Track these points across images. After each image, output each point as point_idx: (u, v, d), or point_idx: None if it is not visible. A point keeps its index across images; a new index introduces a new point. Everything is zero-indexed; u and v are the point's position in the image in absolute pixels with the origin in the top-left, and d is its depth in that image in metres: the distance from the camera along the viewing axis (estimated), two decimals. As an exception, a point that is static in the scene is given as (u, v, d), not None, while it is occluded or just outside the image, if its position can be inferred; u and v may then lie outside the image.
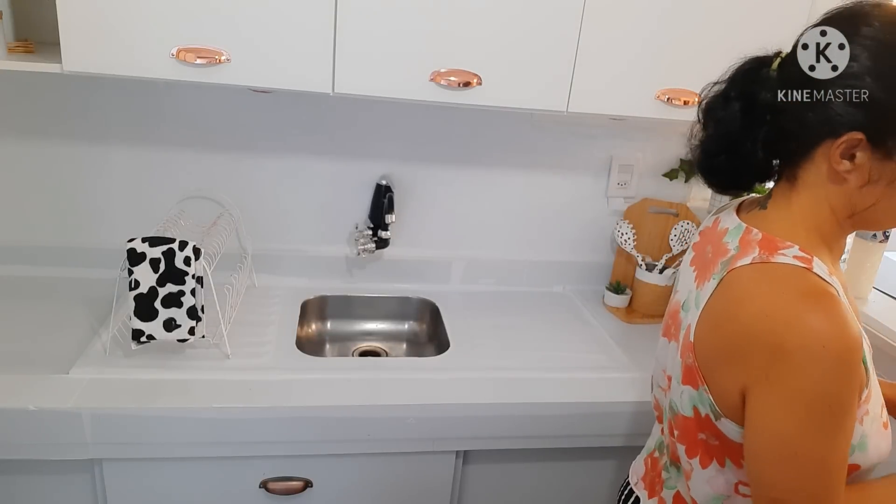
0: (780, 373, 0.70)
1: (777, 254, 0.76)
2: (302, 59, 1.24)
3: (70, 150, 1.57)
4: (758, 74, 0.81)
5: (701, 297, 0.81)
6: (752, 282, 0.75)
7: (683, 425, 0.84)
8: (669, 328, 0.92)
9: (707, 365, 0.79)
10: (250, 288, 1.66)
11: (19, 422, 1.15)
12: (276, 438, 1.25)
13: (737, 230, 0.83)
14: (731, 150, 0.82)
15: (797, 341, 0.69)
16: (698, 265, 0.87)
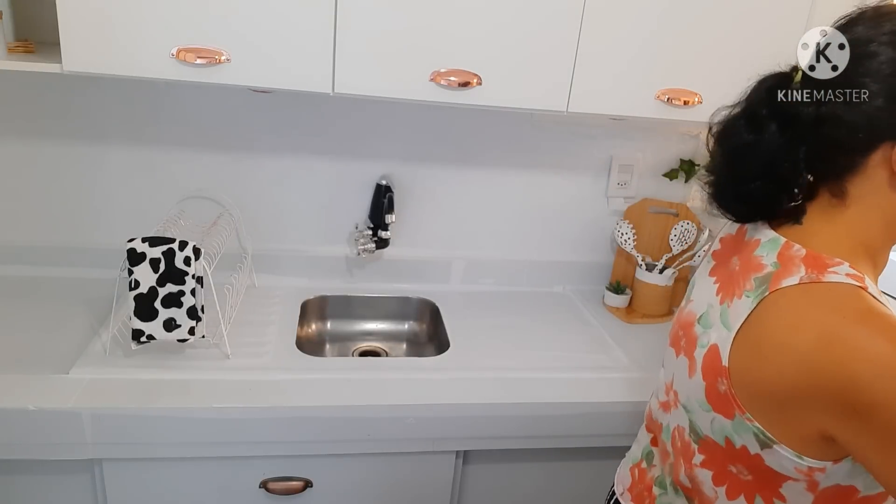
0: (864, 408, 0.62)
1: (828, 272, 0.69)
2: (302, 58, 1.24)
3: (70, 150, 1.57)
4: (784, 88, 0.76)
5: (731, 317, 0.75)
6: (803, 305, 0.68)
7: (713, 452, 0.77)
8: (679, 340, 0.85)
9: (752, 396, 0.71)
10: (250, 288, 1.66)
11: (19, 422, 1.15)
12: (276, 438, 1.25)
13: (772, 243, 0.76)
14: (767, 173, 0.75)
15: (870, 370, 0.62)
16: (721, 277, 0.81)
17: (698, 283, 0.88)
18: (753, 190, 0.76)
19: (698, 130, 1.83)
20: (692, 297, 0.87)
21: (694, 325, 0.82)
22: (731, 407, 0.73)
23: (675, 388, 0.85)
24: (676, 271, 1.75)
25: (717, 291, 0.80)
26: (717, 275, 0.83)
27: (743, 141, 0.76)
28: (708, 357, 0.76)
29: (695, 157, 1.85)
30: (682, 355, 0.83)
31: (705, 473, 0.79)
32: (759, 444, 0.71)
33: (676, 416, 0.85)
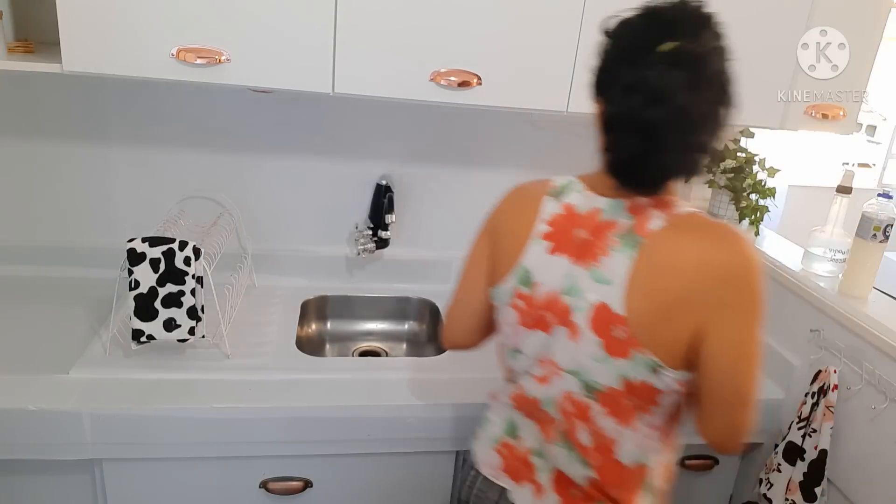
0: (735, 296, 0.81)
1: (675, 207, 0.85)
2: (302, 59, 1.24)
3: (70, 150, 1.57)
4: (672, 75, 0.80)
5: (607, 273, 0.84)
6: (673, 238, 0.83)
7: (612, 398, 0.87)
8: (542, 319, 0.91)
9: (645, 328, 0.82)
10: (250, 288, 1.66)
11: (19, 422, 1.15)
12: (276, 438, 1.25)
13: (616, 206, 0.88)
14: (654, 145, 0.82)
15: (738, 267, 0.80)
16: (570, 250, 0.89)
17: (536, 267, 0.91)
18: (645, 161, 0.84)
19: (698, 130, 1.83)
20: (537, 280, 0.91)
21: (559, 299, 0.89)
22: (628, 347, 0.83)
23: (554, 360, 0.91)
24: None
25: (572, 262, 0.88)
26: (563, 250, 0.90)
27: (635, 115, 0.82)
28: (596, 316, 0.85)
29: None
30: (556, 327, 0.89)
31: (607, 420, 0.89)
32: (650, 372, 0.84)
33: (560, 384, 0.91)
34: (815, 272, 1.47)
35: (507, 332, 0.98)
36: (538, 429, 0.97)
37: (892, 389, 1.19)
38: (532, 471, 0.98)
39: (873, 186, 2.74)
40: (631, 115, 0.80)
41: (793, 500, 1.31)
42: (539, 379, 0.94)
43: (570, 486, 0.95)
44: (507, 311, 0.96)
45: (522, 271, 0.93)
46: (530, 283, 0.92)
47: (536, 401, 0.95)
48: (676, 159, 0.83)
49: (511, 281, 0.94)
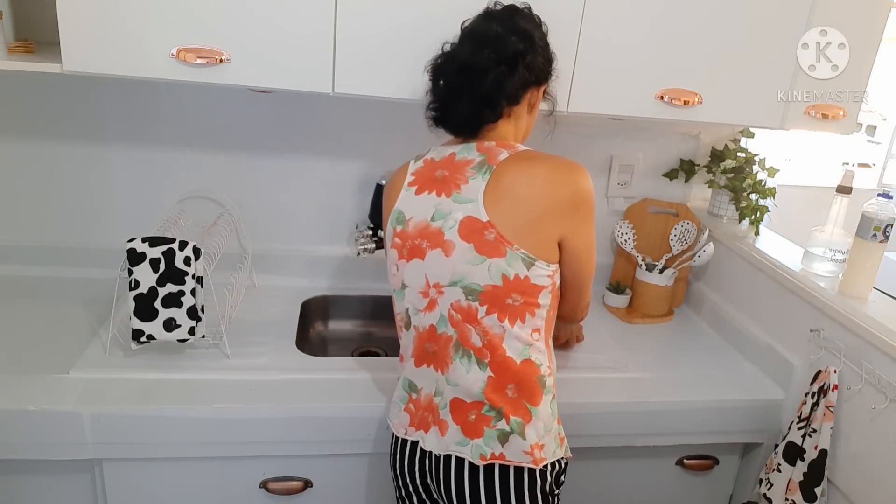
0: (583, 209, 1.05)
1: (516, 147, 1.07)
2: (302, 59, 1.24)
3: (70, 150, 1.57)
4: (504, 39, 1.05)
5: (466, 194, 1.02)
6: (522, 163, 1.04)
7: (492, 296, 1.01)
8: (417, 248, 1.06)
9: (514, 229, 1.00)
10: (250, 288, 1.66)
11: (19, 422, 1.15)
12: (276, 438, 1.25)
13: (467, 148, 1.08)
14: (499, 96, 1.06)
15: (581, 181, 1.04)
16: (433, 187, 1.07)
17: (406, 207, 1.09)
18: (499, 104, 1.07)
19: (698, 130, 1.83)
20: (409, 216, 1.08)
21: (428, 225, 1.05)
22: (502, 246, 1.00)
23: (436, 280, 1.04)
24: (676, 271, 1.75)
25: (437, 195, 1.06)
26: (425, 189, 1.08)
27: (498, 74, 1.05)
28: (463, 227, 1.01)
29: (695, 157, 1.85)
30: (431, 251, 1.04)
31: (491, 318, 1.02)
32: (525, 267, 1.01)
33: (446, 299, 1.04)
34: (815, 272, 1.47)
35: (393, 272, 1.11)
36: (433, 367, 1.07)
37: (892, 389, 1.19)
38: (435, 411, 1.07)
39: (873, 186, 2.74)
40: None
41: (793, 500, 1.31)
42: (427, 307, 1.06)
43: (467, 411, 1.04)
44: (389, 253, 1.11)
45: (396, 213, 1.10)
46: (404, 221, 1.08)
47: (433, 327, 1.06)
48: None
49: (388, 225, 1.11)
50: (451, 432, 1.04)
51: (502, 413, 1.02)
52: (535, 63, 1.07)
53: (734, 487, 1.58)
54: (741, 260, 1.67)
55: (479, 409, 1.03)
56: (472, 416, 1.03)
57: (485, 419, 1.02)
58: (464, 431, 1.03)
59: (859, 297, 1.35)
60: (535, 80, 1.10)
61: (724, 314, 1.69)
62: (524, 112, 1.13)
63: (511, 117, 1.11)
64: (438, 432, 1.06)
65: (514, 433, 1.02)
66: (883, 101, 2.86)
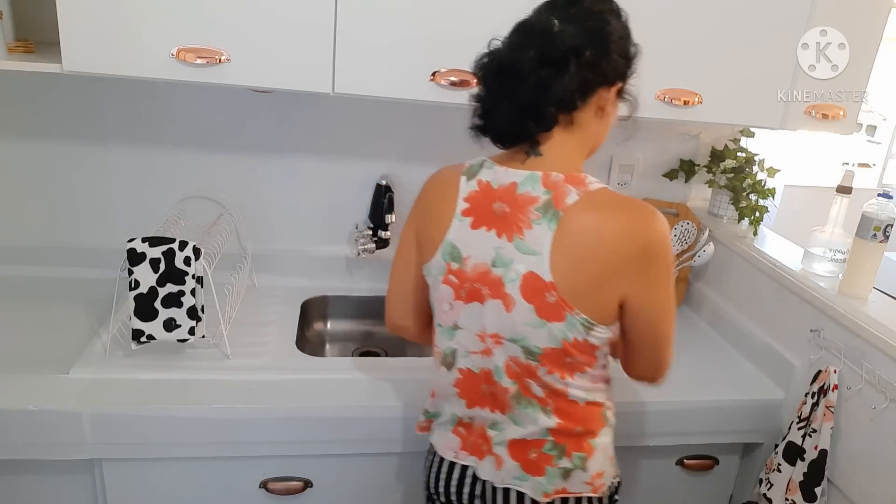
0: (653, 264, 0.92)
1: (587, 184, 0.92)
2: (302, 58, 1.24)
3: (70, 150, 1.57)
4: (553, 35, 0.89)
5: (531, 244, 0.91)
6: (591, 212, 0.91)
7: (551, 357, 0.94)
8: (476, 292, 0.96)
9: (576, 293, 0.91)
10: (250, 288, 1.66)
11: (19, 422, 1.15)
12: (276, 438, 1.25)
13: (531, 179, 0.93)
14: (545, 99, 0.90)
15: (655, 237, 0.91)
16: (493, 223, 0.95)
17: (462, 242, 0.97)
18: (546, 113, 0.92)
19: (698, 130, 1.83)
20: (466, 254, 0.97)
21: (489, 271, 0.95)
22: (562, 310, 0.91)
23: (494, 331, 0.97)
24: (677, 271, 1.75)
25: (497, 235, 0.95)
26: (485, 224, 0.96)
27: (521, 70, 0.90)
28: (525, 284, 0.92)
29: (695, 157, 1.85)
30: (491, 300, 0.95)
31: (552, 376, 0.96)
32: (584, 331, 0.93)
33: (504, 351, 0.97)
34: (815, 272, 1.47)
35: (445, 310, 1.02)
36: (488, 408, 1.02)
37: (892, 389, 1.19)
38: (489, 443, 1.02)
39: (873, 186, 2.74)
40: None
41: (793, 500, 1.31)
42: (482, 352, 0.99)
43: (527, 449, 0.99)
44: (441, 289, 1.01)
45: (449, 247, 0.99)
46: (460, 258, 0.98)
47: (488, 372, 1.00)
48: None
49: (439, 257, 1.00)
50: (509, 468, 1.00)
51: (565, 451, 0.99)
52: (600, 59, 0.90)
53: (734, 487, 1.58)
54: (741, 260, 1.67)
55: (540, 448, 0.99)
56: (534, 455, 0.99)
57: (546, 458, 0.99)
58: (523, 468, 1.00)
59: (859, 297, 1.35)
60: (604, 79, 0.92)
61: (724, 314, 1.69)
62: (591, 117, 0.95)
63: (573, 125, 0.94)
64: (494, 464, 1.02)
65: (576, 468, 0.99)
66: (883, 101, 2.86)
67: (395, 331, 1.17)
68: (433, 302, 1.05)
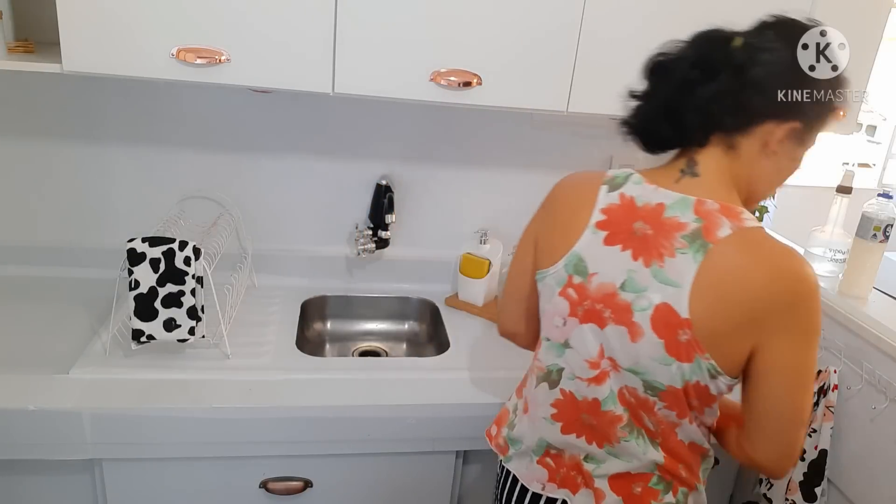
0: (797, 320, 0.83)
1: (743, 220, 0.84)
2: (302, 58, 1.24)
3: (70, 150, 1.57)
4: (725, 46, 0.87)
5: (671, 274, 0.84)
6: (743, 250, 0.82)
7: (673, 395, 0.88)
8: (598, 314, 0.89)
9: (711, 335, 0.83)
10: (250, 288, 1.66)
11: (19, 422, 1.15)
12: (276, 438, 1.25)
13: (683, 203, 0.86)
14: (698, 108, 0.87)
15: (806, 290, 0.82)
16: (630, 244, 0.88)
17: (591, 256, 0.91)
18: (679, 119, 0.88)
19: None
20: (593, 270, 0.90)
21: (617, 294, 0.88)
22: (693, 352, 0.83)
23: (611, 356, 0.90)
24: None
25: (633, 257, 0.87)
26: (621, 242, 0.88)
27: (687, 75, 0.87)
28: (657, 315, 0.84)
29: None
30: (613, 325, 0.88)
31: (669, 412, 0.90)
32: (709, 377, 0.85)
33: (620, 380, 0.91)
34: (815, 272, 1.47)
35: (556, 324, 0.95)
36: (585, 438, 0.96)
37: (892, 389, 1.19)
38: (587, 476, 0.97)
39: (873, 186, 2.74)
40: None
41: (793, 500, 1.31)
42: (590, 380, 0.93)
43: (632, 483, 0.95)
44: (556, 301, 0.94)
45: (575, 258, 0.92)
46: (585, 273, 0.90)
47: (593, 402, 0.93)
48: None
49: (561, 267, 0.93)
50: (610, 502, 0.95)
51: (671, 487, 0.95)
52: (765, 85, 0.84)
53: (734, 487, 1.58)
54: (741, 260, 1.66)
55: (645, 482, 0.95)
56: (638, 489, 0.95)
57: (652, 493, 0.95)
58: (626, 502, 0.95)
59: (859, 297, 1.35)
60: (770, 109, 0.85)
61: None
62: (755, 151, 0.87)
63: (733, 151, 0.88)
64: (593, 498, 0.96)
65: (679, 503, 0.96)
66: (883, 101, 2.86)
67: (506, 336, 1.14)
68: (543, 313, 0.98)
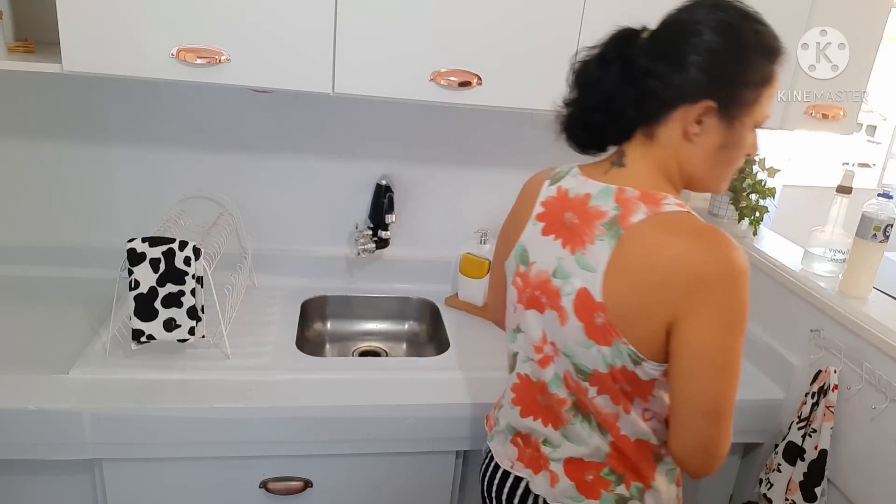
0: (707, 300, 0.81)
1: (662, 205, 0.85)
2: (302, 58, 1.24)
3: (70, 150, 1.57)
4: (632, 41, 0.88)
5: (590, 260, 0.87)
6: (654, 233, 0.84)
7: (600, 380, 0.90)
8: (537, 300, 0.95)
9: (624, 318, 0.85)
10: (250, 288, 1.66)
11: (19, 422, 1.15)
12: (276, 438, 1.25)
13: (605, 192, 0.90)
14: (605, 107, 0.89)
15: (715, 271, 0.80)
16: (561, 233, 0.92)
17: (532, 246, 0.97)
18: (594, 121, 0.91)
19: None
20: (533, 259, 0.96)
21: (550, 280, 0.92)
22: (609, 335, 0.86)
23: (551, 340, 0.94)
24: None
25: (562, 245, 0.92)
26: (553, 232, 0.94)
27: (593, 77, 0.91)
28: (578, 300, 0.88)
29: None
30: (549, 310, 0.93)
31: (603, 398, 0.91)
32: (632, 362, 0.86)
33: (560, 363, 0.94)
34: (815, 272, 1.47)
35: (510, 311, 1.02)
36: (541, 420, 0.99)
37: (892, 389, 1.19)
38: (545, 460, 1.00)
39: (873, 186, 2.73)
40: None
41: (793, 500, 1.30)
42: (539, 362, 0.97)
43: (584, 470, 0.96)
44: (510, 290, 1.01)
45: (521, 249, 0.98)
46: (527, 262, 0.97)
47: (544, 384, 0.97)
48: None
49: (512, 257, 1.00)
50: (564, 487, 0.97)
51: (623, 479, 0.95)
52: (671, 72, 0.84)
53: (734, 487, 1.58)
54: (741, 260, 1.66)
55: (597, 471, 0.96)
56: (590, 477, 0.96)
57: (603, 482, 0.95)
58: (578, 488, 0.96)
59: (859, 297, 1.35)
60: (678, 94, 0.85)
61: (724, 314, 1.69)
62: (677, 137, 0.87)
63: (652, 140, 0.89)
64: (549, 480, 0.98)
65: (633, 499, 0.95)
66: (883, 101, 2.86)
67: (496, 323, 1.17)
68: (507, 301, 1.04)
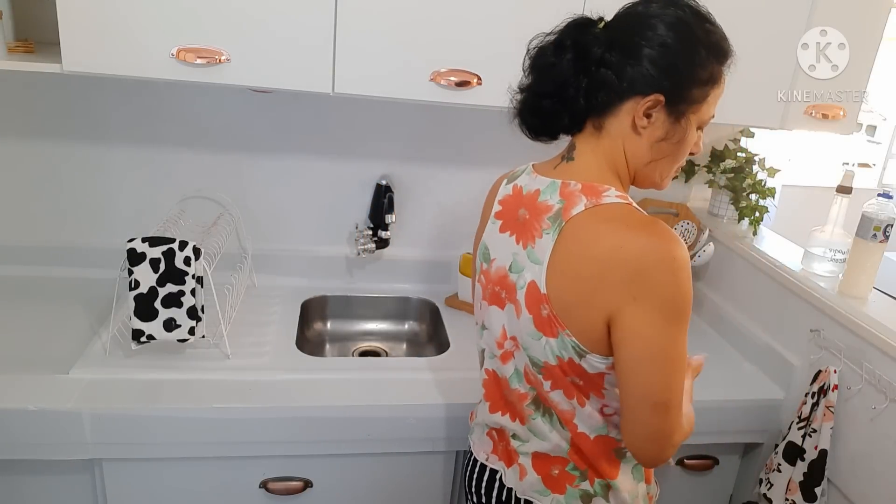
0: (645, 290, 0.80)
1: (602, 196, 0.86)
2: (302, 58, 1.24)
3: (70, 150, 1.57)
4: (588, 30, 0.88)
5: (538, 253, 0.88)
6: (592, 224, 0.85)
7: (552, 373, 0.91)
8: (497, 295, 0.96)
9: (566, 309, 0.85)
10: (250, 288, 1.66)
11: (19, 422, 1.15)
12: (276, 438, 1.25)
13: (552, 187, 0.91)
14: (558, 94, 0.89)
15: (653, 261, 0.80)
16: (514, 229, 0.94)
17: (491, 244, 0.99)
18: (545, 107, 0.91)
19: (698, 130, 1.83)
20: (493, 256, 0.98)
21: (507, 275, 0.94)
22: (554, 326, 0.87)
23: (511, 335, 0.95)
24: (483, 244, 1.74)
25: (516, 241, 0.93)
26: (509, 229, 0.96)
27: (547, 62, 0.90)
28: (528, 293, 0.89)
29: (694, 157, 1.85)
30: (508, 304, 0.95)
31: (557, 394, 0.93)
32: (577, 356, 0.87)
33: (520, 358, 0.95)
34: (815, 272, 1.47)
35: (477, 308, 1.04)
36: (509, 415, 1.01)
37: (892, 389, 1.19)
38: (514, 454, 1.02)
39: (873, 186, 2.74)
40: None
41: (793, 500, 1.31)
42: (500, 357, 0.99)
43: (550, 465, 0.98)
44: (475, 287, 1.04)
45: (483, 247, 1.01)
46: (489, 259, 0.99)
47: (506, 380, 0.99)
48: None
49: (478, 256, 1.03)
50: (531, 481, 0.99)
51: (586, 475, 0.96)
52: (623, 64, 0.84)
53: (734, 487, 1.58)
54: (741, 260, 1.67)
55: (562, 466, 0.97)
56: (556, 472, 0.97)
57: (568, 477, 0.97)
58: (545, 483, 0.98)
59: (859, 297, 1.35)
60: (629, 87, 0.85)
61: (723, 314, 1.69)
62: (626, 130, 0.88)
63: (600, 132, 0.89)
64: (518, 474, 1.00)
65: (597, 496, 0.97)
66: (883, 101, 2.86)
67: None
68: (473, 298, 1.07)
